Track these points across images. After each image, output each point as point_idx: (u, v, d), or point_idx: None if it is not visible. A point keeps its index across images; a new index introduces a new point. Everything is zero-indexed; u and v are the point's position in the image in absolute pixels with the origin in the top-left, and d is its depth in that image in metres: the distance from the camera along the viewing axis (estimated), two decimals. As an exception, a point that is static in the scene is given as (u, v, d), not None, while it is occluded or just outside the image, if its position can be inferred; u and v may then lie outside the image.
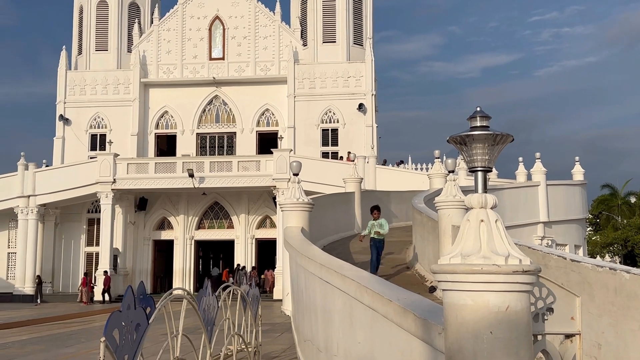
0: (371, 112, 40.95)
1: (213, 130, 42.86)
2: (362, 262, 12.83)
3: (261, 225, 41.02)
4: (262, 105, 42.35)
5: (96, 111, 42.86)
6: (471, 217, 4.03)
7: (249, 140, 42.11)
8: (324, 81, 41.40)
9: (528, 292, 3.88)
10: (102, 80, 42.98)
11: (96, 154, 40.02)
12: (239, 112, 42.44)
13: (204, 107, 42.88)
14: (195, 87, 42.60)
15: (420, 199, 16.25)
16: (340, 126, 41.31)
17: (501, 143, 4.31)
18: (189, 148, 42.29)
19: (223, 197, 40.85)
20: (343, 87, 41.35)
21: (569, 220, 31.38)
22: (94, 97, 42.91)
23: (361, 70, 41.24)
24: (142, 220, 41.41)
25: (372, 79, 41.23)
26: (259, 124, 42.44)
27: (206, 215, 41.58)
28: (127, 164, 38.00)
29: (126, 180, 37.62)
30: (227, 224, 41.40)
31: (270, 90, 41.98)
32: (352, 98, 41.15)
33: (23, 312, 29.38)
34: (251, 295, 11.67)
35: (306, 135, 41.06)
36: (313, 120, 41.36)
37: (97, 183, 37.53)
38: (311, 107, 41.28)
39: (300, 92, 41.46)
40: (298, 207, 12.99)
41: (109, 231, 37.54)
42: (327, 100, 41.31)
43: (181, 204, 41.21)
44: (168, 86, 43.05)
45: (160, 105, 42.98)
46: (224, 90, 42.66)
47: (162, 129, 43.28)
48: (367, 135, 40.69)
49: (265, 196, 39.63)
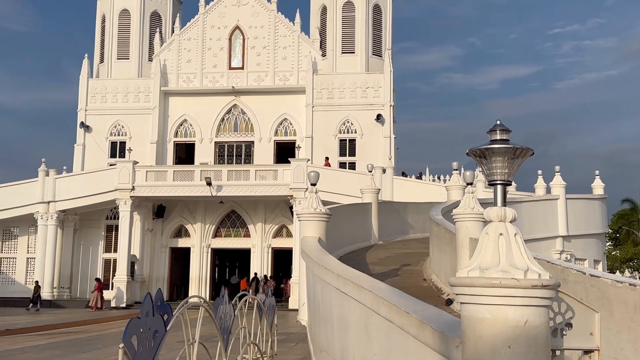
0: (389, 123, 40.87)
1: (231, 139, 43.04)
2: (379, 273, 12.82)
3: (277, 234, 41.00)
4: (281, 115, 42.45)
5: (116, 119, 43.19)
6: (490, 230, 4.01)
7: (266, 150, 42.20)
8: (342, 91, 41.43)
9: (547, 307, 3.86)
10: (123, 88, 43.34)
11: (116, 161, 40.30)
12: (257, 121, 42.57)
13: (222, 116, 43.07)
14: (215, 96, 42.79)
15: (438, 210, 16.16)
16: (358, 137, 41.23)
17: (521, 157, 4.30)
18: (207, 156, 42.46)
19: (240, 206, 40.91)
20: (361, 97, 41.32)
21: (589, 234, 31.08)
22: (114, 105, 43.28)
23: (380, 81, 41.25)
24: (159, 228, 41.54)
25: (391, 90, 41.21)
26: (277, 134, 42.50)
27: (223, 224, 41.65)
28: (146, 172, 38.10)
29: (145, 187, 37.72)
30: (243, 232, 41.43)
31: (289, 100, 42.06)
32: (370, 109, 41.08)
33: (41, 317, 29.61)
34: (267, 304, 11.64)
35: (324, 145, 41.04)
36: (331, 130, 41.37)
37: (116, 190, 37.64)
38: (329, 117, 41.28)
39: (319, 102, 41.48)
40: (315, 217, 12.99)
41: (126, 238, 37.68)
42: (345, 111, 41.30)
43: (198, 212, 41.32)
44: (188, 95, 43.31)
45: (179, 113, 43.26)
46: (243, 99, 42.83)
47: (181, 137, 43.45)
48: (384, 146, 40.66)
49: (282, 205, 39.61)
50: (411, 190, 35.63)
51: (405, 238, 22.59)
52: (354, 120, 41.25)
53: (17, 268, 41.13)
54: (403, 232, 23.43)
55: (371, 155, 39.54)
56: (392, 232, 22.43)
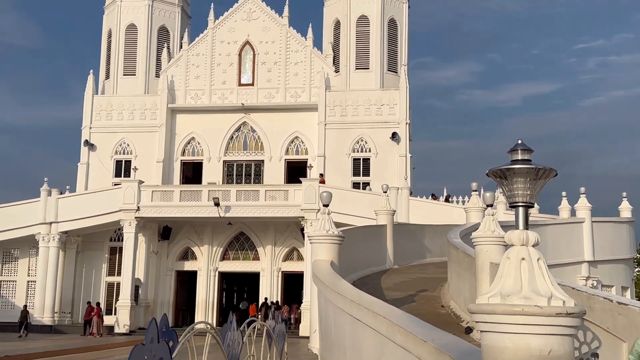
0: (405, 142, 40.81)
1: (240, 158, 43.10)
2: (395, 299, 12.79)
3: (288, 257, 40.89)
4: (292, 133, 42.53)
5: (122, 137, 43.40)
6: (511, 255, 4.00)
7: (277, 169, 42.21)
8: (356, 109, 41.47)
9: (572, 336, 3.83)
10: (129, 105, 43.59)
11: (120, 180, 40.36)
12: (267, 139, 42.67)
13: (231, 134, 43.18)
14: (224, 114, 42.91)
15: (456, 233, 16.20)
16: (373, 155, 41.23)
17: (544, 178, 4.29)
18: (216, 176, 42.44)
19: (249, 228, 40.86)
20: (376, 115, 41.34)
21: (616, 260, 30.79)
22: (120, 123, 43.50)
23: (395, 97, 41.25)
24: (165, 250, 41.51)
25: (407, 107, 41.18)
26: (287, 152, 42.58)
27: (231, 246, 41.59)
28: (152, 192, 37.99)
29: (150, 208, 37.64)
30: (252, 255, 41.31)
31: (301, 118, 42.18)
32: (385, 127, 41.09)
33: (41, 344, 29.50)
34: (277, 331, 11.59)
35: (337, 165, 41.02)
36: (344, 149, 41.37)
37: (121, 210, 37.55)
38: (342, 136, 41.30)
39: (332, 119, 41.53)
40: (327, 240, 12.99)
41: (131, 261, 37.55)
42: (359, 129, 41.28)
43: (206, 234, 41.28)
44: (196, 112, 43.48)
45: (187, 131, 43.40)
46: (253, 116, 42.95)
47: (189, 156, 43.54)
48: (400, 165, 40.55)
49: (293, 227, 39.46)
50: (428, 211, 35.56)
51: (422, 262, 22.54)
52: (368, 138, 41.25)
53: (17, 291, 41.13)
54: (420, 256, 23.38)
55: (386, 175, 39.39)
56: (408, 256, 22.38)
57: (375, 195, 33.97)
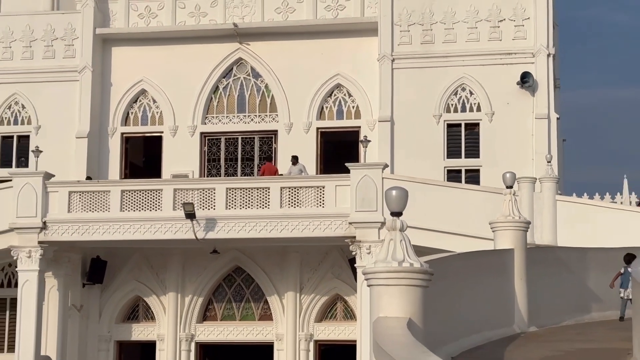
0: (546, 90, 34.58)
1: (232, 128, 37.37)
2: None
3: (326, 314, 35.26)
4: (329, 79, 36.28)
5: (11, 92, 37.60)
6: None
7: (301, 146, 36.21)
8: (451, 29, 35.49)
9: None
10: (22, 31, 37.94)
11: (11, 172, 35.52)
12: (282, 91, 36.39)
13: (214, 84, 37.20)
14: (200, 45, 36.94)
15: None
16: (484, 118, 35.10)
17: None
18: (187, 162, 36.79)
19: (251, 259, 35.00)
20: (489, 40, 35.25)
21: None
22: (7, 65, 37.99)
23: (526, 4, 35.24)
24: (95, 303, 35.82)
25: (548, 23, 34.82)
26: (321, 115, 36.54)
27: (218, 295, 35.76)
28: (69, 193, 33.32)
29: (66, 224, 33.15)
30: (259, 312, 35.47)
31: (345, 49, 36.52)
32: (507, 61, 35.03)
33: None
34: None
35: (415, 137, 35.39)
36: (428, 106, 35.34)
37: (12, 230, 33.11)
38: (425, 81, 35.58)
39: (404, 50, 35.50)
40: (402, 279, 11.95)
41: (32, 324, 33.13)
42: (459, 66, 35.30)
43: (171, 273, 35.24)
44: (147, 43, 37.49)
45: (132, 79, 37.53)
46: (254, 48, 36.79)
47: (136, 125, 38.04)
48: (538, 135, 34.76)
49: (335, 256, 34.05)
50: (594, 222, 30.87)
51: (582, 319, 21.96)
52: (474, 85, 35.31)
53: None
54: (579, 309, 22.65)
55: (510, 156, 34.17)
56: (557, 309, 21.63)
57: (489, 193, 30.50)
